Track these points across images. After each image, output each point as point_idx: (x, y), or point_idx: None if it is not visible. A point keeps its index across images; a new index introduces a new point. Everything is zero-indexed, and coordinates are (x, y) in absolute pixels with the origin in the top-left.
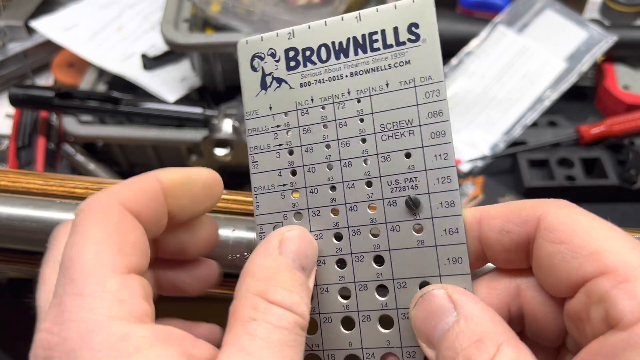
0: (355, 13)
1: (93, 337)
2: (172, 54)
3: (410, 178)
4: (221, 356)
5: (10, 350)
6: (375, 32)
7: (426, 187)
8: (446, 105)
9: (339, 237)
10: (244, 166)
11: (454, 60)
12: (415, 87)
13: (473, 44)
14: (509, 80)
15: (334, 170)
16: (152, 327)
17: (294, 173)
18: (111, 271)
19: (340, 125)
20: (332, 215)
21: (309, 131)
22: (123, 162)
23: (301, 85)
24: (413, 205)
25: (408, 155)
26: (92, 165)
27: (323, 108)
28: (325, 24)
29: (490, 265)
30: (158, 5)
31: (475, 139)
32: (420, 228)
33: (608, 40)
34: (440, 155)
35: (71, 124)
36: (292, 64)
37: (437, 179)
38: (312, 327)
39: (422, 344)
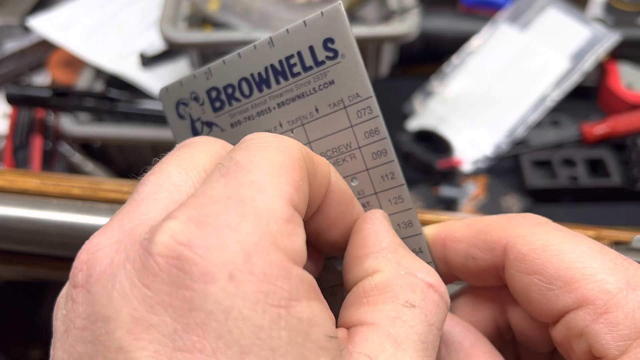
0: (267, 38)
1: (253, 264)
2: (171, 53)
3: (363, 204)
4: (364, 335)
5: (8, 351)
6: (292, 56)
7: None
8: (381, 122)
9: None
10: None
11: (455, 59)
12: (345, 107)
13: (475, 42)
14: (511, 79)
15: None
16: (309, 277)
17: None
18: (285, 199)
19: None
20: None
21: None
22: (121, 161)
23: (232, 125)
24: None
25: (355, 180)
26: (89, 165)
27: None
28: (240, 56)
29: None
30: (156, 3)
31: (477, 139)
32: None
33: (611, 38)
34: (386, 175)
35: (68, 124)
36: (217, 104)
37: (389, 200)
38: None
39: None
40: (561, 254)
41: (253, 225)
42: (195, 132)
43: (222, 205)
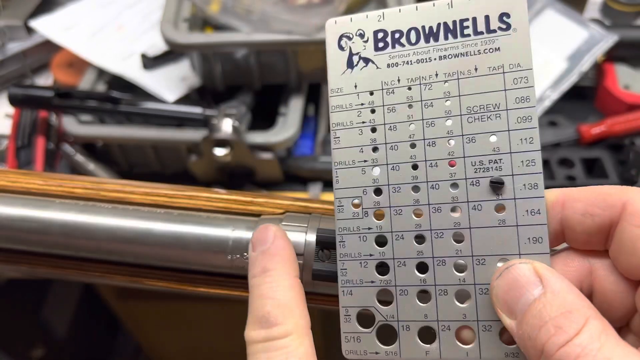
0: (447, 0)
1: None
2: (172, 54)
3: (495, 160)
4: None
5: (10, 350)
6: (467, 19)
7: (510, 169)
8: (534, 92)
9: (418, 213)
10: (243, 166)
11: None
12: (503, 73)
13: None
14: None
15: (417, 149)
16: None
17: (375, 150)
18: None
19: (426, 106)
20: (413, 193)
21: (393, 110)
22: (123, 162)
23: (388, 65)
24: (498, 184)
25: (493, 138)
26: (91, 165)
27: (409, 89)
28: (417, 9)
29: (564, 244)
30: (158, 4)
31: None
32: (502, 208)
33: (609, 40)
34: (526, 139)
35: (71, 124)
36: (381, 45)
37: (522, 161)
38: (388, 298)
39: (501, 314)
40: None
41: None
42: (350, 65)
43: None
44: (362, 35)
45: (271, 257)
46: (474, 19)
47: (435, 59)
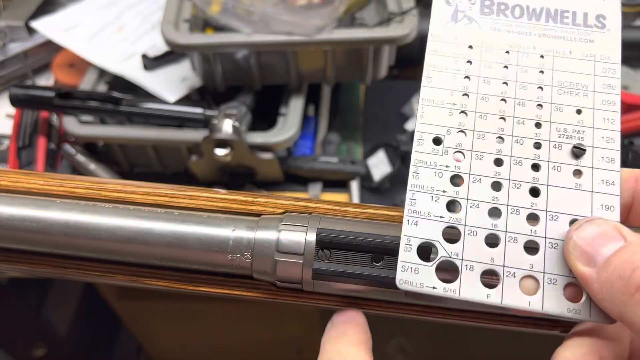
0: None
1: None
2: (173, 54)
3: (578, 130)
4: None
5: (12, 349)
6: (567, 11)
7: (591, 142)
8: (619, 83)
9: (499, 162)
10: (243, 166)
11: None
12: (595, 61)
13: None
14: None
15: (506, 105)
16: None
17: (465, 96)
18: None
19: (521, 71)
20: (497, 143)
21: (489, 67)
22: (123, 162)
23: (491, 28)
24: (580, 150)
25: (579, 112)
26: (92, 165)
27: (507, 52)
28: None
29: None
30: (158, 5)
31: None
32: (579, 173)
33: None
34: (608, 119)
35: (72, 124)
36: (486, 10)
37: (602, 137)
38: (455, 236)
39: (577, 264)
40: None
41: None
42: (455, 18)
43: None
44: None
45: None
46: (574, 13)
47: (535, 34)
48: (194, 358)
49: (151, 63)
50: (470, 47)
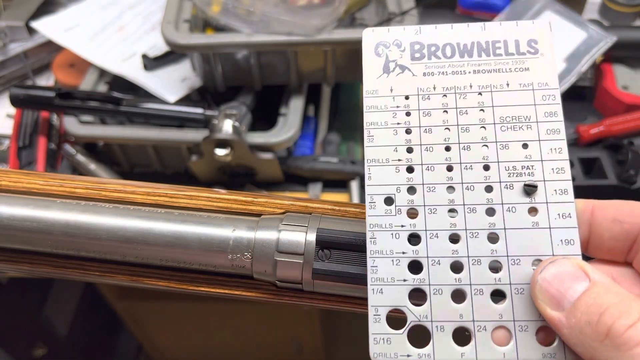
0: (480, 23)
1: None
2: (173, 55)
3: (527, 166)
4: None
5: (12, 349)
6: (498, 41)
7: (542, 175)
8: (561, 109)
9: (453, 213)
10: (244, 166)
11: None
12: (533, 90)
13: None
14: None
15: (451, 152)
16: None
17: (410, 150)
18: None
19: (461, 113)
20: (448, 193)
21: (429, 114)
22: (124, 162)
23: (424, 74)
24: (531, 188)
25: (525, 146)
26: (92, 166)
27: (445, 96)
28: (452, 28)
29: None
30: (159, 5)
31: None
32: (535, 210)
33: (607, 40)
34: (555, 149)
35: (72, 124)
36: (417, 55)
37: (552, 169)
38: (420, 299)
39: (545, 308)
40: None
41: None
42: (387, 70)
43: None
44: (399, 45)
45: None
46: (505, 42)
47: (469, 72)
48: (194, 358)
49: (151, 63)
50: (407, 97)
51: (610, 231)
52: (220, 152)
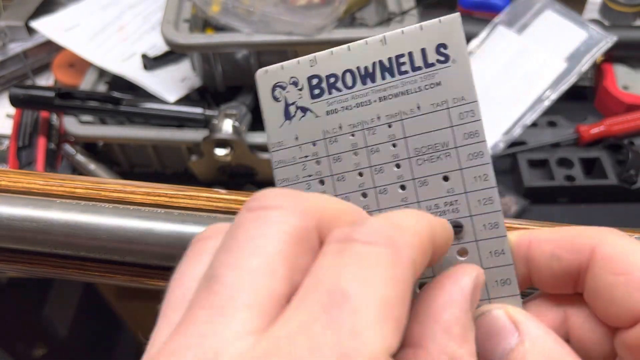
0: (380, 36)
1: None
2: (173, 54)
3: (450, 202)
4: None
5: (12, 349)
6: (402, 55)
7: (467, 210)
8: (482, 126)
9: None
10: (244, 166)
11: None
12: (448, 108)
13: (473, 44)
14: (509, 80)
15: (368, 199)
16: None
17: None
18: (387, 352)
19: (372, 152)
20: None
21: (339, 160)
22: (123, 162)
23: (327, 113)
24: (456, 227)
25: (446, 179)
26: (92, 166)
27: (352, 135)
28: (349, 49)
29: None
30: (158, 5)
31: None
32: (465, 251)
33: (608, 40)
34: (479, 176)
35: (72, 124)
36: (316, 91)
37: (478, 200)
38: None
39: None
40: None
41: None
42: (288, 116)
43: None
44: (296, 84)
45: None
46: (410, 54)
47: (375, 100)
48: None
49: (151, 63)
50: (314, 143)
51: (549, 268)
52: (220, 152)
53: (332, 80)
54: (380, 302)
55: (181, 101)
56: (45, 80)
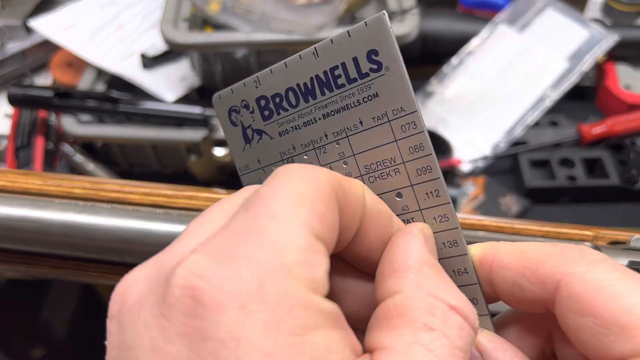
0: (312, 48)
1: (266, 293)
2: (172, 54)
3: (407, 220)
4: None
5: (10, 350)
6: (336, 67)
7: None
8: (426, 138)
9: None
10: None
11: (454, 60)
12: (389, 121)
13: (474, 43)
14: (510, 79)
15: None
16: (330, 306)
17: None
18: (304, 227)
19: None
20: None
21: None
22: (122, 162)
23: (280, 134)
24: None
25: (399, 195)
26: (91, 165)
27: (306, 155)
28: (286, 66)
29: None
30: (157, 4)
31: (476, 139)
32: None
33: (609, 39)
34: (431, 192)
35: (70, 124)
36: (266, 113)
37: (434, 217)
38: None
39: None
40: (619, 297)
41: (268, 256)
42: (247, 139)
43: (239, 237)
44: (247, 107)
45: None
46: (343, 65)
47: (319, 118)
48: None
49: (150, 62)
50: (274, 165)
51: (513, 296)
52: (219, 151)
53: (277, 100)
54: (296, 196)
55: (180, 101)
56: (44, 79)
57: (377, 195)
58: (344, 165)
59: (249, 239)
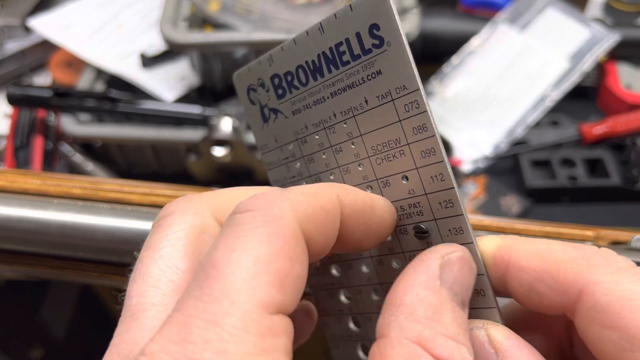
0: (318, 24)
1: None
2: (171, 53)
3: (414, 204)
4: None
5: (9, 350)
6: (341, 43)
7: (431, 213)
8: (429, 118)
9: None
10: (243, 166)
11: (455, 60)
12: (393, 100)
13: (474, 43)
14: (511, 79)
15: None
16: None
17: None
18: (262, 307)
19: (337, 152)
20: None
21: (312, 160)
22: (121, 161)
23: (293, 113)
24: (421, 234)
25: (405, 178)
26: (90, 165)
27: (317, 135)
28: (295, 43)
29: None
30: (157, 4)
31: (477, 139)
32: None
33: (610, 39)
34: (436, 176)
35: (69, 124)
36: (280, 91)
37: (440, 203)
38: None
39: None
40: None
41: (223, 355)
42: (265, 118)
43: (192, 331)
44: (263, 85)
45: None
46: (347, 41)
47: (328, 97)
48: None
49: (149, 62)
50: (290, 145)
51: (529, 300)
52: (218, 151)
53: (289, 78)
54: (253, 261)
55: (180, 100)
56: (43, 79)
57: (385, 177)
58: (352, 146)
59: (203, 335)
